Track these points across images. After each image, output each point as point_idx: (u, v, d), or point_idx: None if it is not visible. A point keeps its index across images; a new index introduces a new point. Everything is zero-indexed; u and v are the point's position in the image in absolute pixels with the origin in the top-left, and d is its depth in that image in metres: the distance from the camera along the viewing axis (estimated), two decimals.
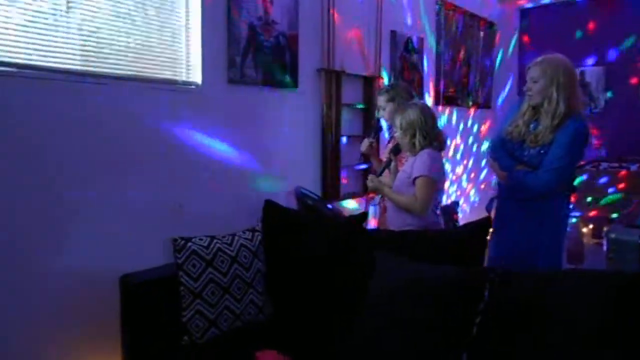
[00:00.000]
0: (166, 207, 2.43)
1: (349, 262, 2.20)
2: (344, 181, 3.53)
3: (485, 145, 5.58)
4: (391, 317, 1.74)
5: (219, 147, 2.66)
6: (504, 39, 5.89)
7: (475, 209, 5.41)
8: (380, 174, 2.61)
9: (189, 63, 2.53)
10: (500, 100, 5.91)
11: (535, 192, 2.43)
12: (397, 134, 2.53)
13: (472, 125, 5.41)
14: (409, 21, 4.21)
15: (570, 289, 1.63)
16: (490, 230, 2.40)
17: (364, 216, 2.31)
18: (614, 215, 4.45)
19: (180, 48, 2.49)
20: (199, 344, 2.08)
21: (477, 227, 2.04)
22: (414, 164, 2.44)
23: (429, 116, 2.48)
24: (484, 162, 5.49)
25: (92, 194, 2.14)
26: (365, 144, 2.92)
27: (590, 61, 5.56)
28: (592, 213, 4.72)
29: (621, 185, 4.70)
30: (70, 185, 2.07)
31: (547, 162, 2.38)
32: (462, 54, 5.01)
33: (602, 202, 4.71)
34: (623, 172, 4.75)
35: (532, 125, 2.50)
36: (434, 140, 2.48)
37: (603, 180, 4.82)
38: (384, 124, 3.03)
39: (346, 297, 2.12)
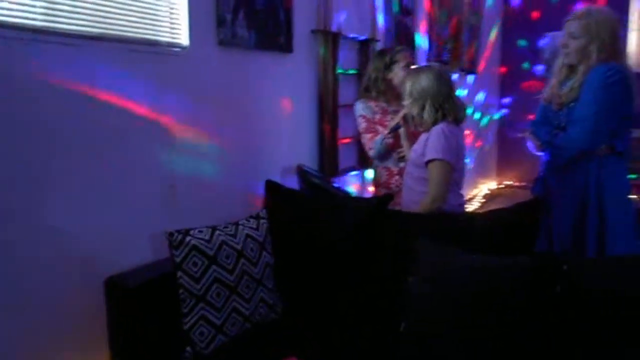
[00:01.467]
0: (152, 191, 2.06)
1: (375, 251, 1.91)
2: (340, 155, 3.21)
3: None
4: (452, 322, 1.47)
5: (209, 119, 2.29)
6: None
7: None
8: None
9: (173, 21, 2.12)
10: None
11: (569, 153, 2.18)
12: (406, 102, 2.21)
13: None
14: None
15: None
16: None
17: (389, 198, 2.01)
18: None
19: (161, 3, 2.07)
20: (204, 355, 1.75)
21: (526, 209, 1.78)
22: (427, 142, 2.10)
23: (444, 84, 2.14)
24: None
25: (62, 179, 1.75)
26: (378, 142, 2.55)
27: None
28: None
29: None
30: (37, 169, 1.67)
31: (576, 115, 2.13)
32: (456, 17, 4.71)
33: None
34: None
35: (564, 85, 2.24)
36: (449, 113, 2.12)
37: None
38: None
39: (375, 293, 1.84)
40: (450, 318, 1.51)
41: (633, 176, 3.26)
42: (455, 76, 4.74)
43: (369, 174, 3.40)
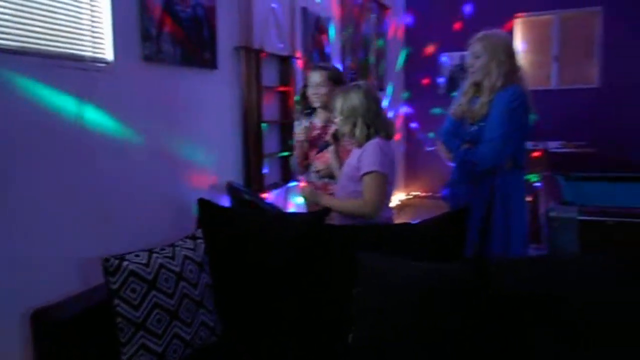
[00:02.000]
0: (77, 213, 1.92)
1: (316, 265, 1.94)
2: (265, 171, 3.21)
3: None
4: (397, 325, 1.54)
5: (135, 137, 2.18)
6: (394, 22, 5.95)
7: None
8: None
9: (95, 34, 2.01)
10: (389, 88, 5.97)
11: (478, 168, 2.38)
12: (338, 119, 2.28)
13: None
14: None
15: (573, 272, 1.57)
16: None
17: (325, 212, 2.05)
18: None
19: (82, 15, 1.96)
20: None
21: (455, 218, 1.91)
22: (361, 157, 2.17)
23: (372, 101, 2.22)
24: None
25: None
26: (300, 128, 2.61)
27: None
28: None
29: None
30: None
31: (486, 134, 2.34)
32: (361, 35, 4.92)
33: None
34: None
35: (473, 103, 2.46)
36: (380, 129, 2.21)
37: None
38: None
39: (319, 307, 1.86)
40: (396, 325, 1.57)
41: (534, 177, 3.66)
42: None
43: (293, 189, 3.44)
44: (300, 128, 2.63)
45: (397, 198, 6.38)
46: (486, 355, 1.50)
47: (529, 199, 3.51)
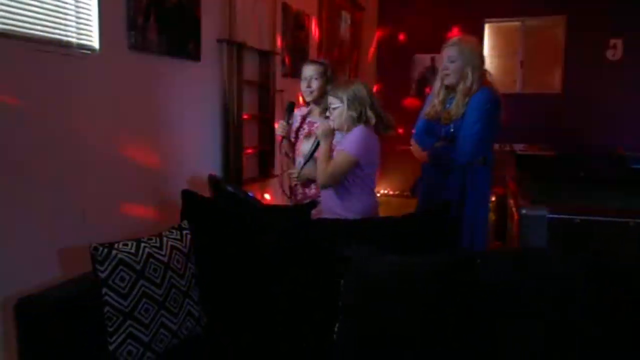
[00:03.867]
0: (58, 207, 1.89)
1: (302, 258, 1.96)
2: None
3: None
4: (383, 315, 1.58)
5: (118, 126, 2.16)
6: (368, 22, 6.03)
7: None
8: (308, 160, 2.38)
9: (79, 21, 1.98)
10: None
11: (457, 162, 2.47)
12: (337, 108, 2.27)
13: None
14: None
15: (547, 266, 1.67)
16: None
17: (312, 205, 2.08)
18: None
19: (67, 1, 1.92)
20: None
21: (437, 212, 1.97)
22: (344, 138, 2.25)
23: (373, 95, 2.29)
24: None
25: None
26: (282, 126, 2.62)
27: None
28: None
29: None
30: None
31: (462, 132, 2.44)
32: (340, 35, 4.97)
33: None
34: None
35: (447, 104, 2.54)
36: (384, 119, 2.26)
37: None
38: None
39: (306, 298, 1.89)
40: (381, 316, 1.62)
41: None
42: None
43: (270, 183, 3.46)
44: (280, 125, 2.62)
45: None
46: (472, 346, 1.56)
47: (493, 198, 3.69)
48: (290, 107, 2.63)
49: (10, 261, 1.69)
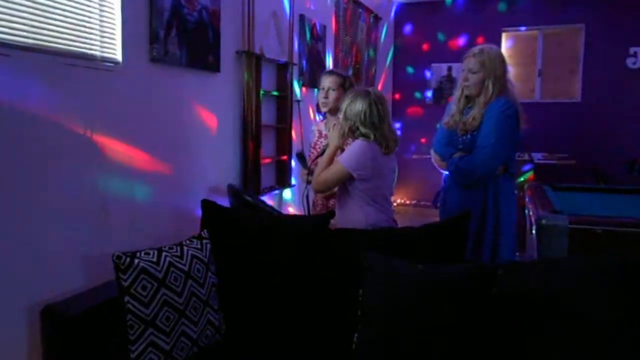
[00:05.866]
0: (83, 213, 1.93)
1: (321, 267, 1.97)
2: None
3: None
4: (402, 326, 1.58)
5: (140, 138, 2.20)
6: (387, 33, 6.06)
7: None
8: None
9: (104, 34, 2.03)
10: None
11: (473, 175, 2.46)
12: (340, 118, 2.27)
13: None
14: (312, 6, 4.03)
15: (577, 276, 1.64)
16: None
17: (330, 215, 2.09)
18: None
19: (92, 14, 1.97)
20: None
21: (458, 221, 1.97)
22: (345, 150, 2.26)
23: (377, 110, 2.19)
24: None
25: None
26: (303, 174, 2.58)
27: None
28: None
29: None
30: None
31: (478, 142, 2.42)
32: (356, 45, 5.00)
33: None
34: None
35: (466, 114, 2.53)
36: (379, 139, 2.19)
37: None
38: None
39: (325, 307, 1.90)
40: (401, 326, 1.62)
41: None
42: None
43: (287, 193, 3.48)
44: (301, 174, 2.61)
45: None
46: (490, 356, 1.55)
47: None
48: (301, 156, 2.62)
49: (37, 269, 1.73)
